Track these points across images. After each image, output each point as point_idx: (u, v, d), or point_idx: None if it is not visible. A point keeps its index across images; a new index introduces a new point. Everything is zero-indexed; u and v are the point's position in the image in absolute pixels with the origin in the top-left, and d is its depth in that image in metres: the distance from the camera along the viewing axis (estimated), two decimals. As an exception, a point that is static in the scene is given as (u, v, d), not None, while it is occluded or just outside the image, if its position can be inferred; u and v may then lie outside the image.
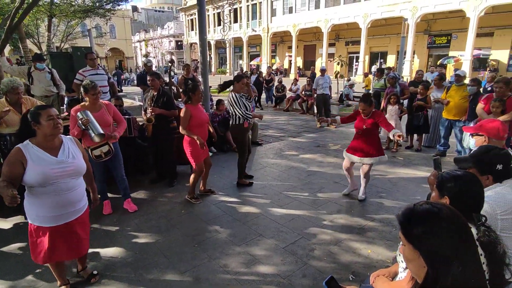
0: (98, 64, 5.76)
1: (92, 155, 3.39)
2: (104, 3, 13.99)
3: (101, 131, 3.23)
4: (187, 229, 3.43)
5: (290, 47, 32.36)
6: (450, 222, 1.00)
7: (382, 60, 27.40)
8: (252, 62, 36.24)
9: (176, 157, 4.79)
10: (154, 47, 42.03)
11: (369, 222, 3.51)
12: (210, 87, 6.90)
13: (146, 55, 44.53)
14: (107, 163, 3.58)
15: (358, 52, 25.97)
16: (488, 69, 20.75)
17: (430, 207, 1.03)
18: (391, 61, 25.99)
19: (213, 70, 39.21)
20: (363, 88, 13.14)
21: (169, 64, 11.39)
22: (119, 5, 14.80)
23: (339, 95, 12.17)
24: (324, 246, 3.08)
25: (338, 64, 15.45)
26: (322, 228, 3.40)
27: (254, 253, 2.98)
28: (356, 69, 27.58)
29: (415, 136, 6.63)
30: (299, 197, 4.18)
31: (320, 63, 28.26)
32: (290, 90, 12.00)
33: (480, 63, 21.57)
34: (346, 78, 14.27)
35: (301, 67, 33.14)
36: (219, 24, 35.34)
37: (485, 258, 1.34)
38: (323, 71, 8.79)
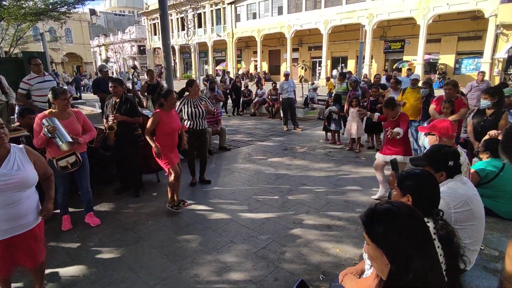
0: (54, 71, 5.41)
1: (57, 166, 3.18)
2: (58, 6, 13.22)
3: (70, 139, 3.04)
4: (155, 240, 3.31)
5: (255, 52, 32.69)
6: (408, 219, 1.06)
7: (343, 65, 28.57)
8: (218, 67, 36.13)
9: (142, 165, 4.63)
10: (115, 52, 40.44)
11: (336, 222, 3.61)
12: (176, 92, 6.75)
13: (106, 60, 42.72)
14: (73, 174, 3.38)
15: (321, 57, 26.87)
16: (437, 72, 22.50)
17: (390, 206, 1.09)
18: (351, 65, 27.17)
19: (178, 75, 38.53)
20: (327, 94, 13.51)
21: (132, 70, 11.01)
22: (75, 7, 14.05)
23: (304, 99, 12.49)
24: (295, 248, 3.13)
25: (302, 68, 15.89)
26: (292, 230, 3.45)
27: (226, 261, 2.95)
28: (319, 73, 28.49)
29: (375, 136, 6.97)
30: (269, 201, 4.21)
31: (284, 67, 28.87)
32: (256, 94, 12.11)
33: (430, 67, 23.24)
34: (310, 82, 14.65)
35: (266, 71, 33.57)
36: (183, 29, 34.83)
37: (442, 250, 1.44)
38: (287, 75, 8.97)
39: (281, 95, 8.94)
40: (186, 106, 4.49)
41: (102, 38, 51.44)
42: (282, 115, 9.37)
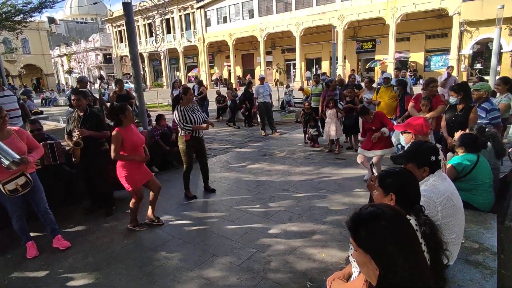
0: (10, 84, 5.13)
1: (4, 191, 2.98)
2: (13, 15, 12.62)
3: (17, 156, 2.87)
4: (132, 260, 3.18)
5: (228, 57, 32.80)
6: (394, 220, 1.08)
7: (317, 66, 29.24)
8: (190, 73, 35.91)
9: (113, 181, 4.46)
10: (78, 62, 39.13)
11: (320, 226, 3.64)
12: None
13: (69, 71, 41.25)
14: (25, 197, 3.18)
15: (295, 59, 27.40)
16: (409, 70, 23.55)
17: (374, 209, 1.10)
18: (325, 66, 27.86)
19: (148, 84, 37.88)
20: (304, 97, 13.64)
21: (99, 80, 10.68)
22: (31, 16, 13.47)
23: (280, 102, 12.62)
24: (280, 256, 3.11)
25: (276, 71, 16.10)
26: (276, 238, 3.43)
27: (209, 276, 2.88)
28: (294, 75, 28.98)
29: (354, 137, 7.14)
30: (250, 210, 4.19)
31: (259, 71, 29.12)
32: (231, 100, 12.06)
33: (402, 65, 24.28)
34: (285, 85, 14.88)
35: (240, 76, 33.71)
36: (151, 35, 34.39)
37: (425, 246, 1.47)
38: (262, 79, 9.04)
39: (257, 100, 8.99)
40: (185, 112, 4.40)
41: (64, 47, 49.68)
42: (259, 119, 9.40)
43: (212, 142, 8.50)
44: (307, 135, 7.55)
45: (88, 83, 6.98)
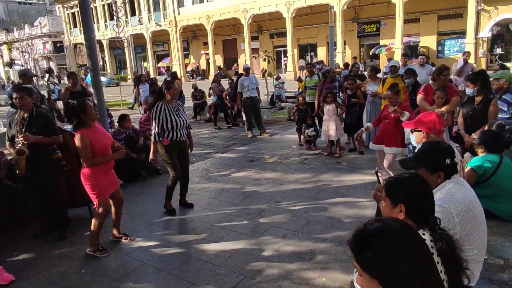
0: None
1: None
2: None
3: None
4: (91, 294, 3.12)
5: (206, 43, 32.75)
6: (404, 238, 1.09)
7: (312, 53, 29.53)
8: (161, 64, 35.72)
9: (67, 198, 4.37)
10: (22, 52, 38.25)
11: (320, 244, 3.66)
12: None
13: (10, 63, 40.28)
14: None
15: (285, 46, 27.57)
16: (419, 56, 24.02)
17: (380, 225, 1.11)
18: (322, 53, 28.16)
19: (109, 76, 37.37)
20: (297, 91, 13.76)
21: (47, 74, 10.44)
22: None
23: (269, 97, 12.68)
24: (273, 283, 3.11)
25: (264, 60, 16.16)
26: (268, 261, 3.43)
27: (187, 309, 2.85)
28: (285, 64, 29.18)
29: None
30: (236, 227, 4.18)
31: (243, 60, 29.18)
32: (210, 96, 12.04)
33: (411, 51, 24.77)
34: (275, 76, 14.94)
35: (221, 66, 33.69)
36: (111, 19, 34.00)
37: (442, 266, 1.50)
38: (247, 70, 9.06)
39: (241, 94, 9.00)
40: (166, 114, 4.40)
41: (3, 34, 48.57)
42: (244, 118, 9.41)
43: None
44: (302, 136, 7.60)
45: (34, 77, 6.86)
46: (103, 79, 29.92)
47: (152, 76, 21.78)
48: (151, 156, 4.50)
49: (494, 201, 3.19)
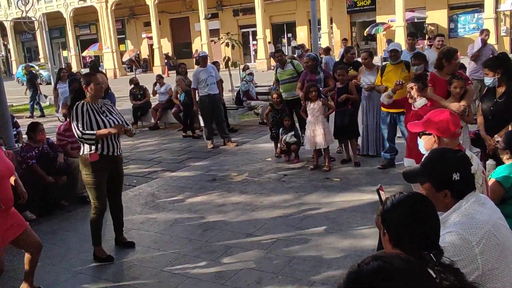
0: None
1: None
2: None
3: None
4: None
5: (148, 24, 32.54)
6: (409, 280, 1.09)
7: (290, 35, 29.96)
8: (86, 53, 35.14)
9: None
10: None
11: (307, 289, 3.67)
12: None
13: None
14: None
15: (254, 26, 27.84)
16: (427, 37, 24.90)
17: (379, 264, 1.11)
18: (302, 34, 28.61)
19: (15, 71, 36.36)
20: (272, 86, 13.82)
21: None
22: None
23: (235, 94, 12.69)
24: None
25: (227, 45, 16.16)
26: (238, 316, 3.40)
27: None
28: (255, 50, 29.40)
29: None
30: (194, 272, 4.14)
31: (199, 45, 29.18)
32: (155, 94, 11.94)
33: (416, 29, 25.62)
34: (242, 66, 14.99)
35: (170, 54, 33.53)
36: (16, -7, 33.18)
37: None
38: (204, 58, 9.06)
39: (196, 91, 8.97)
40: (90, 115, 4.31)
41: None
42: (202, 124, 9.36)
43: (125, 164, 8.28)
44: (279, 145, 7.64)
45: None
46: (43, 73, 28.76)
47: (74, 69, 21.34)
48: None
49: (526, 221, 3.28)
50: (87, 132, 4.26)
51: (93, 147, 4.33)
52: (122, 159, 4.71)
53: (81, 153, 4.43)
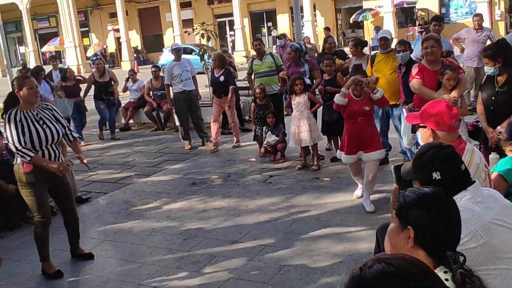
0: None
1: None
2: None
3: None
4: None
5: (114, 15, 32.25)
6: (417, 284, 1.10)
7: (270, 24, 30.00)
8: (46, 48, 34.64)
9: None
10: None
11: (300, 299, 3.69)
12: None
13: None
14: None
15: (231, 15, 27.82)
16: (417, 23, 25.21)
17: (383, 268, 1.12)
18: (284, 23, 28.69)
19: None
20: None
21: None
22: None
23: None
24: None
25: (202, 37, 16.10)
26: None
27: None
28: (233, 41, 29.37)
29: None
30: (176, 284, 4.13)
31: (171, 37, 29.03)
32: (126, 90, 11.85)
33: (406, 16, 25.93)
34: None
35: (139, 48, 33.29)
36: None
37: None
38: (177, 52, 9.01)
39: (170, 87, 8.92)
40: (24, 125, 4.19)
41: None
42: (177, 123, 9.32)
43: (95, 169, 8.20)
44: (264, 143, 7.64)
45: None
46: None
47: (28, 64, 21.05)
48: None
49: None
50: (25, 149, 4.15)
51: (24, 158, 4.22)
52: (68, 166, 4.59)
53: (14, 163, 4.36)
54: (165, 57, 22.13)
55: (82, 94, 10.41)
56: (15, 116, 4.19)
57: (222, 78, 8.38)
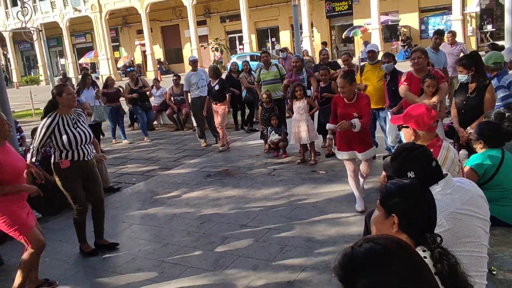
0: None
1: None
2: None
3: None
4: None
5: (140, 32, 32.33)
6: (401, 260, 1.11)
7: (274, 39, 29.97)
8: (83, 60, 34.79)
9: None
10: None
11: (299, 274, 3.69)
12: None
13: None
14: None
15: (240, 31, 27.79)
16: (400, 38, 25.12)
17: (372, 246, 1.13)
18: (285, 38, 28.66)
19: (15, 79, 35.92)
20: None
21: None
22: None
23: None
24: (244, 328, 3.09)
25: (216, 50, 16.17)
26: (236, 301, 3.41)
27: None
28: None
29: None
30: (194, 261, 4.15)
31: (189, 51, 29.09)
32: (150, 96, 11.89)
33: (390, 32, 25.82)
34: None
35: (162, 59, 33.36)
36: (14, 4, 32.67)
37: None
38: (194, 62, 9.02)
39: (189, 94, 8.94)
40: (59, 130, 4.19)
41: None
42: (194, 124, 9.33)
43: (124, 164, 8.24)
44: (268, 141, 7.66)
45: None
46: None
47: (68, 74, 21.13)
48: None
49: (499, 204, 3.31)
50: (37, 153, 4.24)
51: (63, 155, 4.25)
52: (94, 163, 4.57)
53: (52, 161, 4.34)
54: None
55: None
56: (52, 120, 4.17)
57: (217, 87, 8.35)
